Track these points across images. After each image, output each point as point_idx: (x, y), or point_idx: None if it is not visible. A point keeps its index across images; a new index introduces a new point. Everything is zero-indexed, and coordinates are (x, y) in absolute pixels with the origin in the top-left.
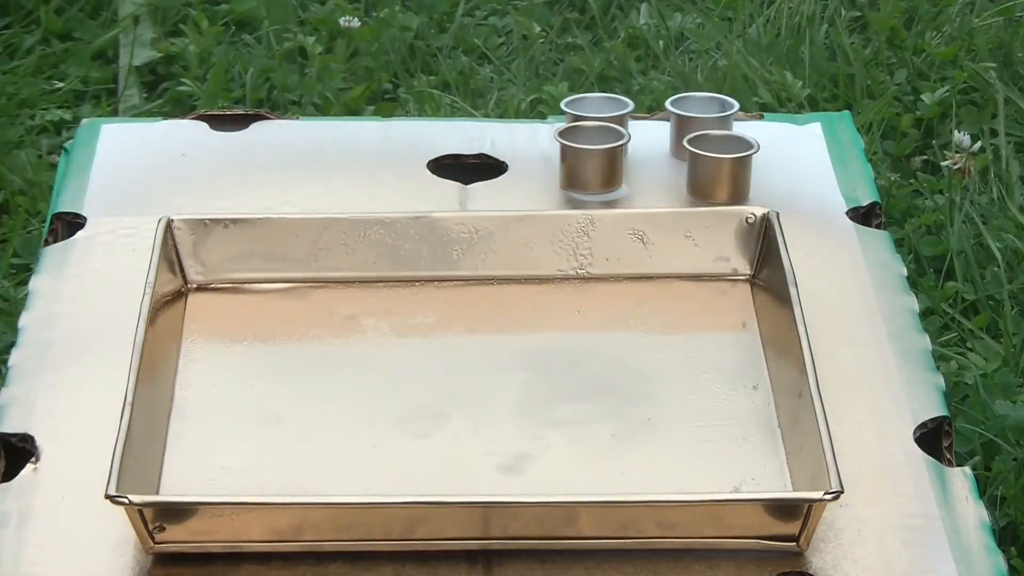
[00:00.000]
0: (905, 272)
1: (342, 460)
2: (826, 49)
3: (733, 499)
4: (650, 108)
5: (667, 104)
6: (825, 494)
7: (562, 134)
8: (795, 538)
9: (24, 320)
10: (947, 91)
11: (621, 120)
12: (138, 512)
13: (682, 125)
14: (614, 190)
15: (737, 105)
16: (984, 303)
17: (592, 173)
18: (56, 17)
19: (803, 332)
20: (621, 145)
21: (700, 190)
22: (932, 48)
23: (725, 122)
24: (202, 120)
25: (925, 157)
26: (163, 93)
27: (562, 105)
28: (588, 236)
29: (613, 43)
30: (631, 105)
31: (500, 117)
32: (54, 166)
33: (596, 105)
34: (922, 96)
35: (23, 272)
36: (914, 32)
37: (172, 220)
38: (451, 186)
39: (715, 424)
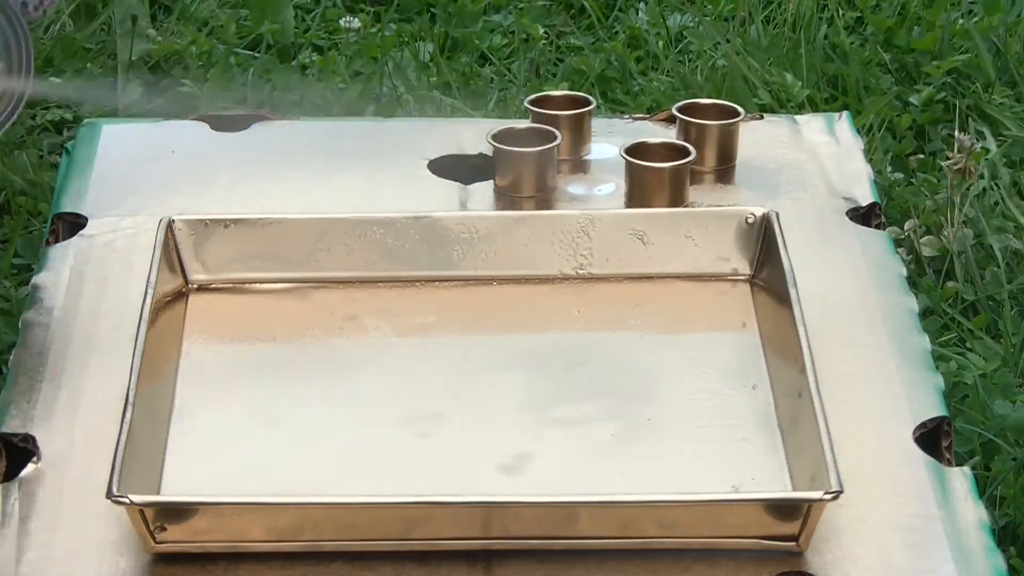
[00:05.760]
0: (905, 272)
1: (342, 460)
2: (824, 50)
3: (733, 499)
4: (650, 109)
5: (673, 110)
6: (825, 494)
7: (495, 137)
8: (795, 538)
9: (25, 320)
10: (946, 91)
11: (582, 119)
12: (139, 512)
13: (689, 131)
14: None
15: (743, 112)
16: (984, 303)
17: (525, 177)
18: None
19: (803, 332)
20: (551, 148)
21: (637, 199)
22: (929, 47)
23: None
24: (202, 120)
25: (924, 157)
26: (163, 93)
27: (525, 103)
28: (588, 236)
29: (613, 43)
30: (592, 103)
31: (500, 117)
32: (55, 166)
33: (561, 105)
34: (922, 96)
35: (24, 272)
36: (911, 31)
37: (173, 220)
38: (451, 186)
39: (715, 424)
